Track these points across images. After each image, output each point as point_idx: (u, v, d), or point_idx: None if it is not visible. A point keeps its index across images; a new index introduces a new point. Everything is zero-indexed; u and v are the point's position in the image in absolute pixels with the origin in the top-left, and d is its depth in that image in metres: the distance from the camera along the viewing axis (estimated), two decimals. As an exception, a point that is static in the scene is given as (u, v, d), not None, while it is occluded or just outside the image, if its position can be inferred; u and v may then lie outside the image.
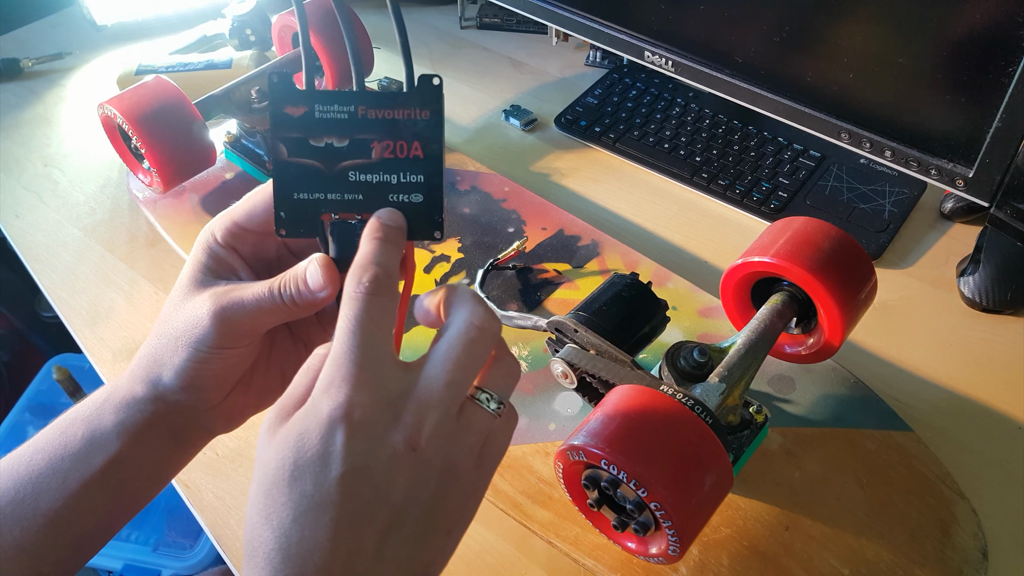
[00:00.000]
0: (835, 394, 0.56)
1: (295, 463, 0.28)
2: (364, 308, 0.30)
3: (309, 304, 0.34)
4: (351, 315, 0.30)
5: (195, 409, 0.36)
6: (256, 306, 0.34)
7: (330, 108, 0.33)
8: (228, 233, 0.36)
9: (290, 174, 0.33)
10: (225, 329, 0.34)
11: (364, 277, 0.30)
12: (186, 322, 0.34)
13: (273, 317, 0.34)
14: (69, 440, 0.35)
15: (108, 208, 0.79)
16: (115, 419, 0.35)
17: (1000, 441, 0.55)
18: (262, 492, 0.29)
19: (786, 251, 0.47)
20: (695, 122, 0.81)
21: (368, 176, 0.33)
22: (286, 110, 0.33)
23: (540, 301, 0.63)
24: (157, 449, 0.36)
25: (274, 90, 0.33)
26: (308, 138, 0.33)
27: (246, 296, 0.34)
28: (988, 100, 0.53)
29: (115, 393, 0.36)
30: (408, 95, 0.33)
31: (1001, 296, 0.62)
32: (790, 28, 0.62)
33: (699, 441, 0.40)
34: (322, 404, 0.29)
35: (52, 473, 0.34)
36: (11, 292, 1.21)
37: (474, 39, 1.00)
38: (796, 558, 0.47)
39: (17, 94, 0.94)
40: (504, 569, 0.50)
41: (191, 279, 0.35)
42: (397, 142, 0.33)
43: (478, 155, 0.79)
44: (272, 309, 0.34)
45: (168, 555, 0.94)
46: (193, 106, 0.67)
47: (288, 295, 0.33)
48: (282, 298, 0.33)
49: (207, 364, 0.35)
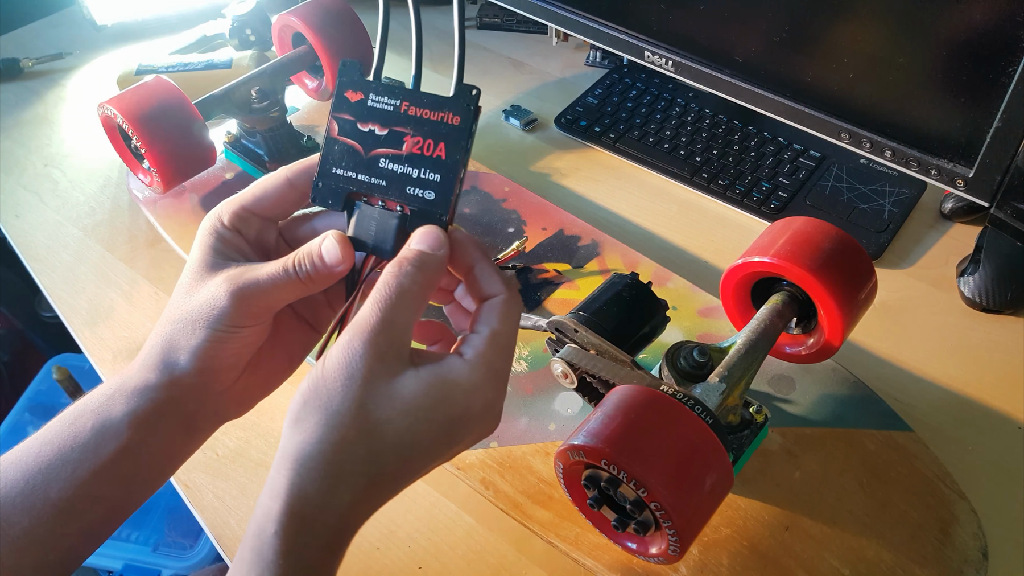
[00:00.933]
0: (835, 394, 0.56)
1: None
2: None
3: (324, 278, 0.35)
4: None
5: (208, 393, 0.37)
6: (271, 283, 0.35)
7: (381, 99, 0.36)
8: (236, 216, 0.37)
9: (335, 150, 0.37)
10: (242, 308, 0.34)
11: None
12: (203, 303, 0.35)
13: (288, 294, 0.35)
14: (79, 431, 0.35)
15: (108, 208, 0.79)
16: (125, 408, 0.35)
17: (1000, 441, 0.55)
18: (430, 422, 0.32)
19: (786, 251, 0.47)
20: (695, 122, 0.81)
21: (395, 166, 0.36)
22: (346, 93, 0.36)
23: (540, 301, 0.63)
24: (167, 438, 0.37)
25: (342, 74, 0.36)
26: (357, 121, 0.36)
27: (261, 275, 0.35)
28: (988, 100, 0.53)
29: (126, 383, 0.36)
30: (448, 100, 0.35)
31: (1001, 296, 0.62)
32: (790, 28, 0.62)
33: (699, 441, 0.40)
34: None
35: (62, 464, 0.35)
36: (11, 292, 1.21)
37: (474, 39, 1.00)
38: (796, 558, 0.47)
39: (17, 94, 0.94)
40: (504, 569, 0.50)
41: (202, 263, 0.36)
42: (426, 140, 0.36)
43: (478, 155, 0.79)
44: (287, 286, 0.35)
45: (168, 555, 0.94)
46: (193, 106, 0.67)
47: (304, 271, 0.35)
48: (297, 274, 0.35)
49: (224, 344, 0.35)
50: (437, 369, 0.33)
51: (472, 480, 0.52)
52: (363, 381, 0.32)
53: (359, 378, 0.32)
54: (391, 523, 0.53)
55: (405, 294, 0.33)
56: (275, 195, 0.37)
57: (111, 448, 0.35)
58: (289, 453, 0.32)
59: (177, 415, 0.36)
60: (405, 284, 0.33)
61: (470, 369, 0.33)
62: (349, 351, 0.32)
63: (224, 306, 0.34)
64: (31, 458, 0.35)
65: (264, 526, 0.31)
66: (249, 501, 0.55)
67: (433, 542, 0.52)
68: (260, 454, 0.57)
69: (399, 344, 0.33)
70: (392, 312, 0.32)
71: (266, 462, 0.57)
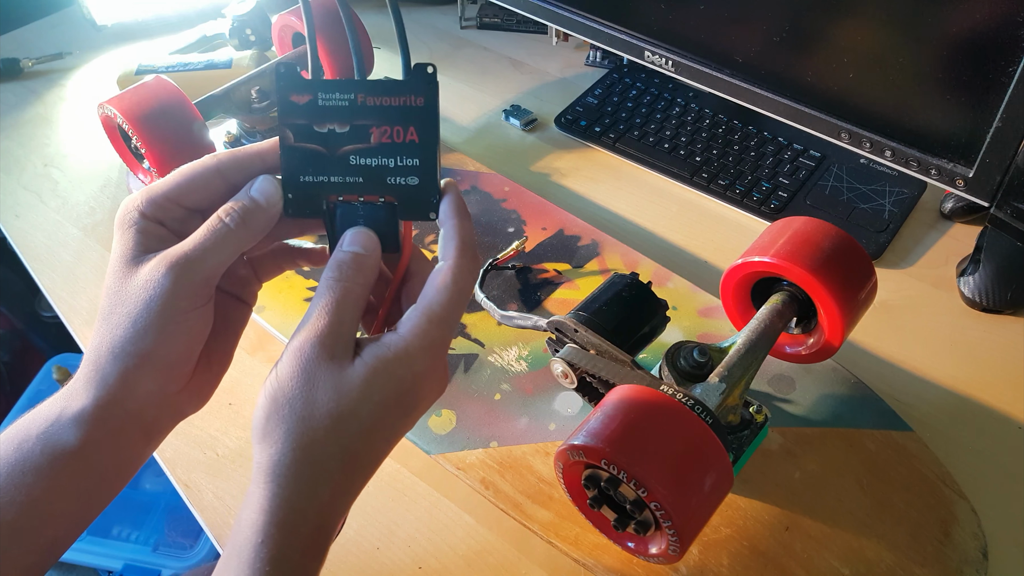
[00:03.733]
0: (835, 394, 0.56)
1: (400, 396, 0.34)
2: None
3: (261, 222, 0.34)
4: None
5: (165, 395, 0.35)
6: (208, 243, 0.33)
7: (332, 96, 0.35)
8: (156, 206, 0.34)
9: (296, 158, 0.35)
10: (182, 285, 0.33)
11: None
12: (139, 296, 0.33)
13: (226, 253, 0.34)
14: (27, 455, 0.33)
15: (108, 208, 0.79)
16: (77, 433, 0.34)
17: (1000, 441, 0.55)
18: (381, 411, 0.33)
19: (786, 251, 0.47)
20: (695, 122, 0.81)
21: (367, 160, 0.35)
22: (291, 98, 0.35)
23: (540, 301, 0.63)
24: (127, 448, 0.35)
25: (280, 79, 0.35)
26: (312, 124, 0.35)
27: (189, 246, 0.33)
28: (988, 100, 0.53)
29: (70, 405, 0.34)
30: (404, 83, 0.35)
31: (1001, 296, 0.62)
32: (790, 28, 0.62)
33: (699, 441, 0.40)
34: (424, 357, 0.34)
35: (14, 488, 0.33)
36: (11, 292, 1.21)
37: (474, 39, 1.00)
38: (796, 558, 0.47)
39: (17, 94, 0.94)
40: (504, 569, 0.50)
41: (124, 259, 0.34)
42: (394, 127, 0.35)
43: (478, 155, 0.79)
44: (224, 242, 0.34)
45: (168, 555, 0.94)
46: (193, 106, 0.67)
47: (236, 217, 0.34)
48: (232, 223, 0.34)
49: (172, 336, 0.33)
50: (376, 350, 0.33)
51: (472, 480, 0.52)
52: (321, 382, 0.32)
53: (316, 380, 0.32)
54: (391, 523, 0.53)
55: (348, 295, 0.34)
56: (202, 184, 0.35)
57: (68, 470, 0.34)
58: (264, 467, 0.32)
59: (137, 426, 0.35)
60: (347, 286, 0.34)
61: (405, 344, 0.33)
62: (301, 356, 0.32)
63: (165, 285, 0.32)
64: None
65: (249, 537, 0.32)
66: (249, 501, 0.55)
67: (433, 542, 0.52)
68: (260, 454, 0.57)
69: (346, 340, 0.33)
70: (339, 314, 0.33)
71: (266, 462, 0.57)
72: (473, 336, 0.61)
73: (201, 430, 0.59)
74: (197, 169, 0.35)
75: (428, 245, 0.68)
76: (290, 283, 0.66)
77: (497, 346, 0.60)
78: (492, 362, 0.59)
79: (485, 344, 0.60)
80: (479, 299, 0.60)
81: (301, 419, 0.32)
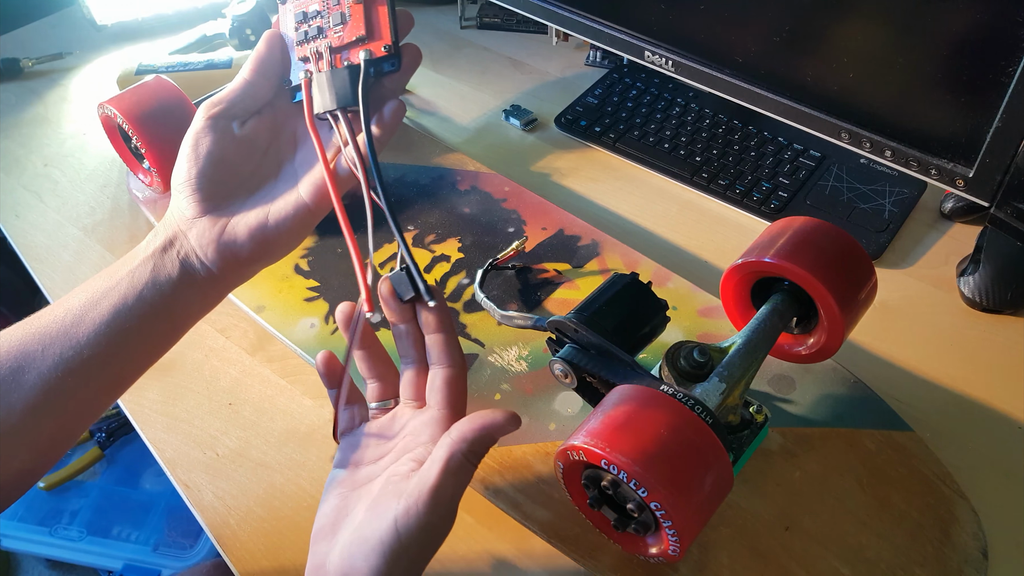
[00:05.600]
0: (835, 394, 0.56)
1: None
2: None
3: (275, 47, 0.46)
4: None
5: (221, 212, 0.43)
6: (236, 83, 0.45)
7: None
8: (217, 117, 0.44)
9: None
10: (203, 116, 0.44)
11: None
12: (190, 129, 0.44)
13: (252, 86, 0.45)
14: (137, 281, 0.43)
15: (108, 208, 0.79)
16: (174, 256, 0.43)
17: (1000, 441, 0.55)
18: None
19: (786, 251, 0.47)
20: (695, 122, 0.81)
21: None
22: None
23: (540, 301, 0.63)
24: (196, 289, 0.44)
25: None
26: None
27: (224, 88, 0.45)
28: (988, 100, 0.53)
29: (164, 236, 0.44)
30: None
31: (1001, 296, 0.62)
32: (790, 28, 0.62)
33: (699, 441, 0.40)
34: None
35: (123, 303, 0.43)
36: (11, 292, 1.21)
37: (474, 39, 1.00)
38: (796, 558, 0.47)
39: (17, 94, 0.94)
40: (504, 569, 0.50)
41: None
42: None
43: (478, 155, 0.79)
44: (248, 75, 0.45)
45: (168, 555, 0.94)
46: (193, 106, 0.67)
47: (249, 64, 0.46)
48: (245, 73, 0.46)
49: (224, 141, 0.43)
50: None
51: (472, 480, 0.52)
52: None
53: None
54: (391, 523, 0.53)
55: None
56: (249, 92, 0.45)
57: (194, 288, 0.43)
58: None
59: (208, 241, 0.43)
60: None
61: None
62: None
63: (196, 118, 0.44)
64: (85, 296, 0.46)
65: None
66: (249, 501, 0.55)
67: (433, 542, 0.52)
68: (260, 454, 0.57)
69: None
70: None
71: (266, 462, 0.57)
72: (473, 336, 0.61)
73: (201, 430, 0.59)
74: (238, 84, 0.45)
75: (428, 245, 0.69)
76: (290, 283, 0.66)
77: (497, 346, 0.60)
78: (492, 362, 0.59)
79: (485, 344, 0.60)
80: (479, 299, 0.60)
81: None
